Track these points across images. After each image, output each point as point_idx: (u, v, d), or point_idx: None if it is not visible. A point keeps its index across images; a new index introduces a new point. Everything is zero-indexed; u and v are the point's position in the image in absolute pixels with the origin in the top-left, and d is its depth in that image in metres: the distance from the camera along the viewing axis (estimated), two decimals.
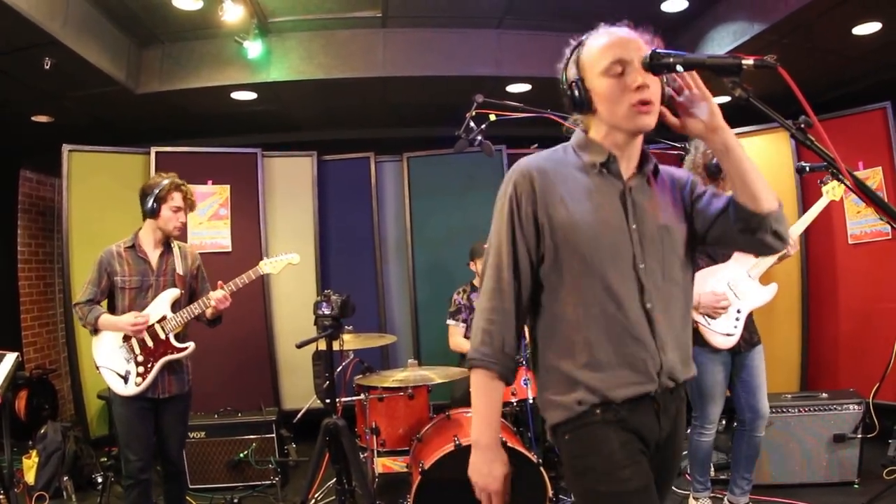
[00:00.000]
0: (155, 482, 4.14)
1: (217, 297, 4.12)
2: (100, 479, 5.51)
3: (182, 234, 4.34)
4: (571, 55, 2.00)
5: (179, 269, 4.19)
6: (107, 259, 4.05)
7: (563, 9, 5.39)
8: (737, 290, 4.06)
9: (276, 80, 5.89)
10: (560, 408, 2.00)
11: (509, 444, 3.83)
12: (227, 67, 5.86)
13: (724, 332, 4.01)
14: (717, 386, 4.08)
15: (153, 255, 4.13)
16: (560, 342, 1.99)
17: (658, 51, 1.78)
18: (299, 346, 3.96)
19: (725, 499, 4.35)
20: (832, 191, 4.30)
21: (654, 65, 1.77)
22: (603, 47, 1.92)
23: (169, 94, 5.99)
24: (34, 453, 5.44)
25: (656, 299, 1.95)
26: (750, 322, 4.14)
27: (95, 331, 4.06)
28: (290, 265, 4.53)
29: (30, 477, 5.33)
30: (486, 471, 2.02)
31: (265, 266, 4.44)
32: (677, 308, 2.04)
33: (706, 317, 3.99)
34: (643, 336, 1.92)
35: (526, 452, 3.85)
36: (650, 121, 1.89)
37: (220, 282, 4.21)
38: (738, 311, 4.04)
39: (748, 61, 1.62)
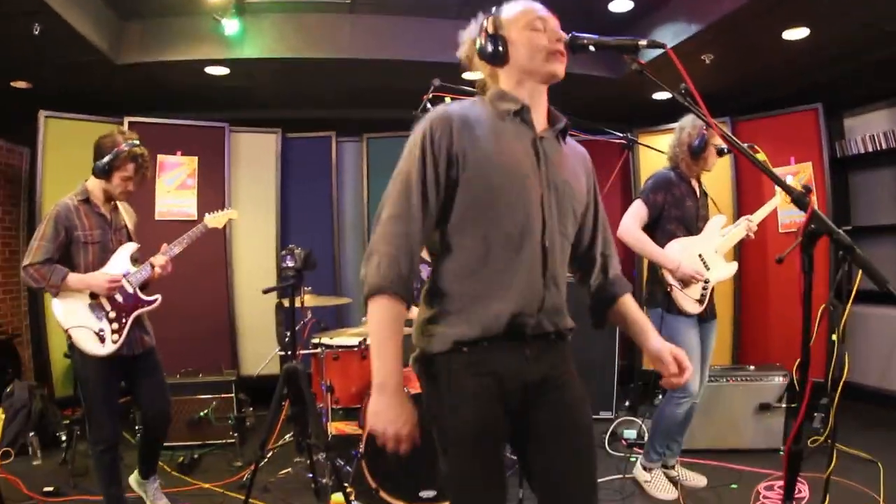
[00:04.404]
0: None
1: (159, 263, 4.03)
2: (64, 437, 5.56)
3: (144, 197, 4.28)
4: (486, 20, 2.15)
5: (130, 224, 4.14)
6: (63, 213, 3.80)
7: None
8: (707, 262, 4.34)
9: (250, 58, 6.01)
10: (435, 339, 2.06)
11: None
12: (203, 43, 5.94)
13: (695, 298, 4.30)
14: (692, 350, 4.25)
15: (105, 210, 3.99)
16: (460, 271, 2.05)
17: (576, 34, 2.12)
18: (265, 292, 4.16)
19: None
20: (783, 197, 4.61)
21: (574, 45, 2.12)
22: (526, 8, 2.14)
23: (147, 65, 6.05)
24: (0, 410, 5.41)
25: (553, 241, 2.08)
26: (712, 294, 4.42)
27: (57, 292, 3.81)
28: (230, 220, 4.60)
29: None
30: (395, 415, 1.94)
31: (210, 221, 4.43)
32: (564, 257, 2.17)
33: (681, 282, 4.26)
34: (536, 272, 2.04)
35: None
36: (562, 69, 2.11)
37: (164, 244, 4.14)
38: (707, 282, 4.32)
39: (643, 42, 2.01)
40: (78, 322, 3.84)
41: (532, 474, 2.19)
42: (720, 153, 4.35)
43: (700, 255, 4.35)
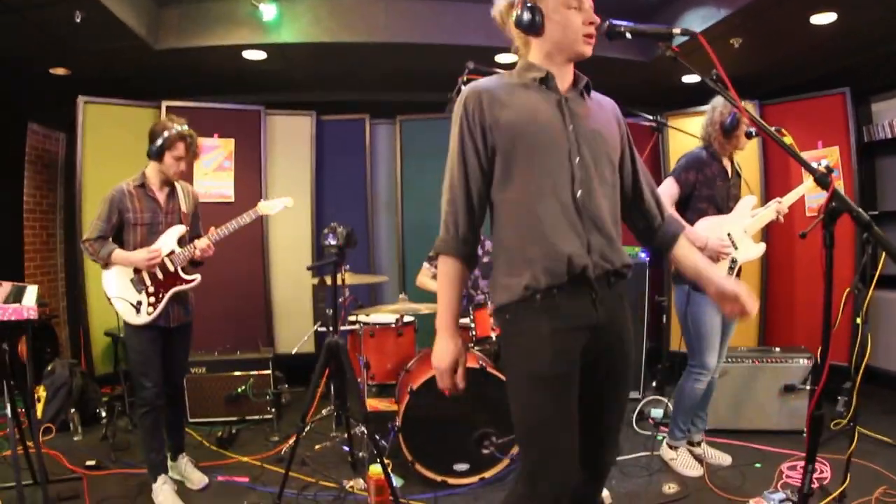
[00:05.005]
0: None
1: (201, 247, 4.30)
2: (104, 413, 5.71)
3: (184, 179, 4.52)
4: None
5: (184, 208, 4.39)
6: (118, 197, 4.18)
7: None
8: (736, 241, 4.38)
9: (286, 42, 6.09)
10: (507, 290, 2.25)
11: (488, 370, 4.30)
12: (240, 28, 6.03)
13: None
14: (714, 328, 4.37)
15: (160, 194, 4.30)
16: (511, 225, 2.27)
17: (613, 22, 2.26)
18: (310, 269, 4.30)
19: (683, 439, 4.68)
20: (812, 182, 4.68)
21: (611, 32, 2.26)
22: None
23: (185, 50, 6.14)
24: (41, 388, 5.67)
25: (586, 190, 2.23)
26: (739, 274, 4.48)
27: (106, 265, 4.23)
28: (285, 208, 4.68)
29: (37, 410, 5.51)
30: (440, 351, 2.27)
31: (263, 207, 4.60)
32: (607, 202, 2.30)
33: (708, 259, 4.30)
34: (573, 219, 2.20)
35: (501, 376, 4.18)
36: (590, 50, 2.27)
37: (212, 227, 4.40)
38: (734, 261, 4.37)
39: (677, 30, 2.12)
40: (119, 293, 4.24)
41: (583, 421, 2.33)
42: (748, 136, 4.42)
43: (729, 234, 4.39)
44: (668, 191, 4.41)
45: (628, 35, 2.25)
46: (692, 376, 4.47)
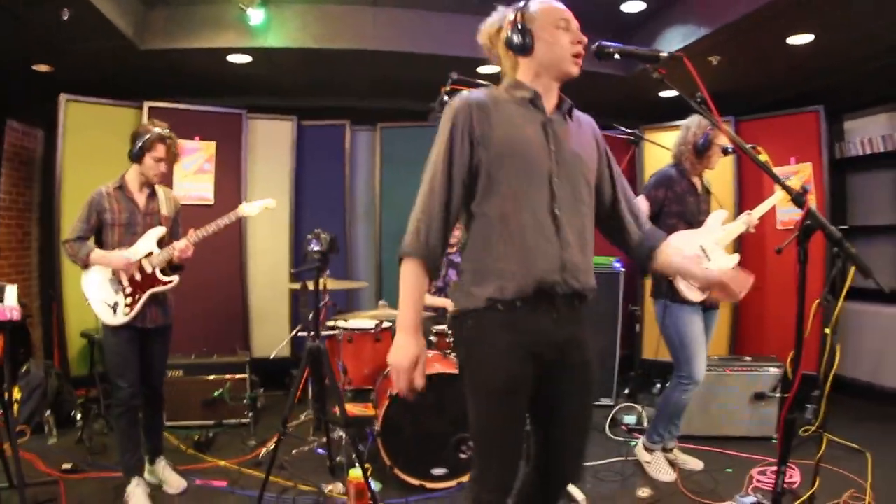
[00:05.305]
0: None
1: (180, 247, 4.29)
2: (79, 416, 5.67)
3: (165, 181, 4.52)
4: (517, 12, 2.36)
5: (164, 210, 4.41)
6: (97, 199, 4.22)
7: None
8: (708, 253, 4.49)
9: (273, 47, 6.11)
10: (472, 297, 2.28)
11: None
12: (227, 32, 6.04)
13: (697, 286, 4.42)
14: (698, 336, 4.47)
15: (139, 196, 4.32)
16: (486, 238, 2.29)
17: (603, 43, 2.34)
18: (294, 273, 4.30)
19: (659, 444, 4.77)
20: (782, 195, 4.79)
21: (600, 53, 2.35)
22: (552, 6, 2.36)
23: (170, 52, 6.13)
24: (16, 389, 5.58)
25: (564, 209, 2.29)
26: None
27: (85, 266, 4.24)
28: (267, 209, 4.71)
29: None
30: (400, 350, 2.22)
31: (244, 209, 4.62)
32: (581, 223, 2.37)
33: None
34: (550, 236, 2.26)
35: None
36: (578, 70, 2.34)
37: (191, 229, 4.37)
38: None
39: (663, 53, 2.22)
40: (96, 293, 4.26)
41: (537, 432, 2.47)
42: (725, 152, 4.54)
43: (701, 247, 4.51)
44: None
45: (617, 56, 2.33)
46: (680, 387, 4.56)
